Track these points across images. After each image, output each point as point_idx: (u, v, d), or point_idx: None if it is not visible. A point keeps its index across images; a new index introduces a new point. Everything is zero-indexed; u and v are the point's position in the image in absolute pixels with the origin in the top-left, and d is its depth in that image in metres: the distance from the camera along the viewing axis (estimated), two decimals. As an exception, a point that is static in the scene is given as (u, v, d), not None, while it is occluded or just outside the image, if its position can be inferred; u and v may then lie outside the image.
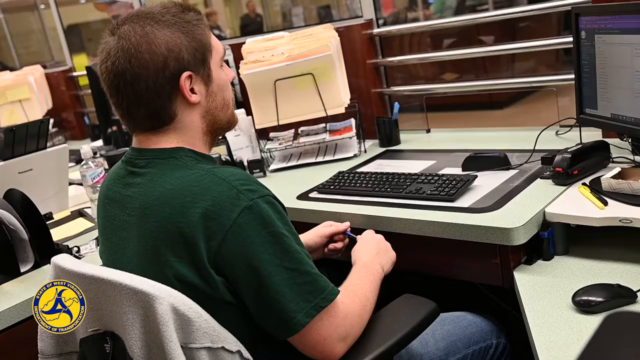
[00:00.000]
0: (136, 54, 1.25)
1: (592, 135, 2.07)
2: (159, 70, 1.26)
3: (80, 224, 2.29)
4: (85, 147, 2.37)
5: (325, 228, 1.75)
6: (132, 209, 1.28)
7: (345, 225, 1.75)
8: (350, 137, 2.53)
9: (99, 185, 2.20)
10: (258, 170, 2.45)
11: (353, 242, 1.66)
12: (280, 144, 2.62)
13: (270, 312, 1.22)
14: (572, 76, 1.97)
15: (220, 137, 2.43)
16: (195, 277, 1.20)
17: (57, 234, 2.16)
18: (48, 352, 1.33)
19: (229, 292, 1.22)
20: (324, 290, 1.25)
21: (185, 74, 1.28)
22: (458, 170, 2.02)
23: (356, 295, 1.36)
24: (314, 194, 2.10)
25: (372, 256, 1.54)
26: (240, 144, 2.58)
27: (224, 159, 2.44)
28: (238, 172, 1.27)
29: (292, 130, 2.72)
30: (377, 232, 1.72)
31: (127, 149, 2.71)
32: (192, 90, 1.30)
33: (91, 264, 1.27)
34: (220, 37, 5.35)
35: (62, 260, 1.29)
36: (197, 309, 1.15)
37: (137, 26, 1.26)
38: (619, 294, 1.34)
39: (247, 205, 1.20)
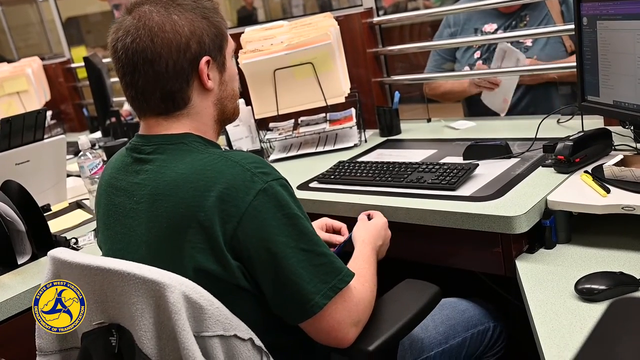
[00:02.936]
0: (159, 33, 1.24)
1: (593, 123, 2.05)
2: (181, 52, 1.25)
3: (79, 215, 2.27)
4: (83, 138, 2.35)
5: (321, 233, 1.69)
6: (141, 195, 1.27)
7: (340, 238, 1.68)
8: (351, 127, 2.52)
9: (97, 177, 2.19)
10: (258, 161, 2.43)
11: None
12: (280, 134, 2.60)
13: (286, 295, 1.21)
14: (574, 64, 1.95)
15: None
16: (211, 262, 1.19)
17: (55, 225, 2.15)
18: (47, 349, 1.31)
19: (244, 277, 1.21)
20: (340, 271, 1.24)
21: (205, 58, 1.29)
22: (459, 159, 2.01)
23: (365, 279, 1.36)
24: (314, 184, 2.09)
25: (373, 239, 1.53)
26: (240, 134, 2.56)
27: (223, 150, 2.43)
28: (250, 156, 1.27)
29: (292, 120, 2.70)
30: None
31: (125, 139, 2.71)
32: (207, 76, 1.30)
33: (95, 255, 1.25)
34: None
35: (62, 253, 1.27)
36: (209, 297, 1.13)
37: (159, 7, 1.26)
38: (622, 282, 1.33)
39: (262, 188, 1.20)
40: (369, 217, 1.64)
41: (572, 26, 1.91)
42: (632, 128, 1.81)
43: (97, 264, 1.19)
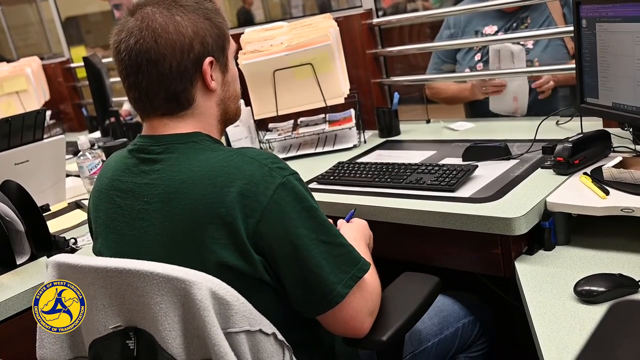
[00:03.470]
0: (163, 34, 1.24)
1: (592, 125, 2.05)
2: (185, 52, 1.26)
3: (78, 215, 2.27)
4: (83, 139, 2.35)
5: None
6: (152, 195, 1.26)
7: None
8: (350, 128, 2.52)
9: (96, 177, 2.18)
10: (257, 161, 2.43)
11: None
12: (279, 135, 2.60)
13: (309, 287, 1.22)
14: (573, 66, 1.95)
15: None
16: (234, 257, 1.19)
17: (54, 225, 2.14)
18: (51, 359, 1.29)
19: (266, 271, 1.22)
20: (358, 261, 1.27)
21: (209, 59, 1.29)
22: (458, 161, 2.01)
23: (374, 272, 1.37)
24: (313, 185, 2.09)
25: (363, 237, 1.55)
26: (239, 134, 2.56)
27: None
28: (263, 152, 1.28)
29: (292, 121, 2.70)
30: (376, 222, 1.71)
31: (125, 139, 2.69)
32: (210, 77, 1.31)
33: (110, 258, 1.23)
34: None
35: (70, 258, 1.25)
36: (234, 293, 1.13)
37: (162, 8, 1.27)
38: (621, 284, 1.33)
39: (281, 182, 1.22)
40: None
41: (572, 28, 1.91)
42: (631, 130, 1.81)
43: (114, 266, 1.17)
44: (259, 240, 1.20)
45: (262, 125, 2.68)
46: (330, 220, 1.66)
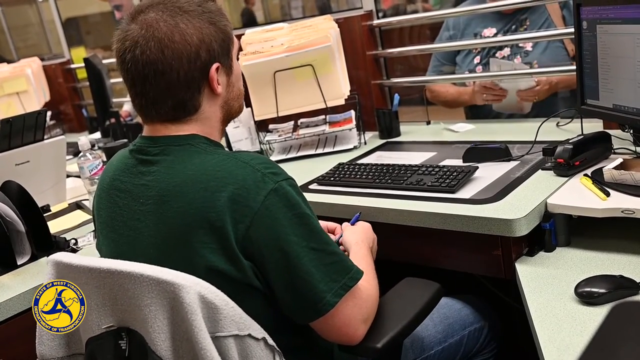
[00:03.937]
0: (169, 44, 1.23)
1: (593, 126, 2.05)
2: (192, 61, 1.25)
3: (78, 216, 2.27)
4: (83, 139, 2.35)
5: None
6: (148, 197, 1.26)
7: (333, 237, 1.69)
8: (350, 129, 2.52)
9: (97, 177, 2.18)
10: (257, 162, 2.43)
11: None
12: (279, 136, 2.60)
13: (298, 294, 1.22)
14: (573, 67, 1.95)
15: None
16: (223, 262, 1.19)
17: (54, 226, 2.14)
18: (49, 356, 1.30)
19: (255, 277, 1.22)
20: (350, 270, 1.26)
21: (215, 65, 1.28)
22: (459, 162, 2.01)
23: (369, 277, 1.36)
24: (313, 186, 2.09)
25: (366, 240, 1.54)
26: (240, 135, 2.56)
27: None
28: (258, 156, 1.27)
29: (292, 122, 2.70)
30: (377, 223, 1.71)
31: (125, 140, 2.69)
32: (217, 82, 1.30)
33: (103, 259, 1.24)
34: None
35: (66, 256, 1.26)
36: (224, 297, 1.13)
37: (166, 15, 1.24)
38: (622, 285, 1.33)
39: (273, 188, 1.21)
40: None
41: (572, 30, 1.91)
42: (631, 132, 1.81)
43: (107, 267, 1.18)
44: (249, 246, 1.19)
45: (262, 126, 2.68)
46: (333, 223, 1.67)
